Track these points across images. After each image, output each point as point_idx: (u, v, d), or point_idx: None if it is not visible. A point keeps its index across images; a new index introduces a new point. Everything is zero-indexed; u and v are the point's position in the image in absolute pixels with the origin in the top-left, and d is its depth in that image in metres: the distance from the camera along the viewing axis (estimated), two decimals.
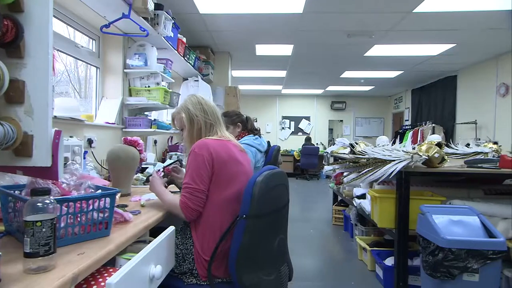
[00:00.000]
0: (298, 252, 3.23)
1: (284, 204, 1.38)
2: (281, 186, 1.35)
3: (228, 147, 1.41)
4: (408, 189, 2.20)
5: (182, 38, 3.67)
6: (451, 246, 1.69)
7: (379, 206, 2.33)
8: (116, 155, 1.66)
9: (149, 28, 2.69)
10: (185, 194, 1.30)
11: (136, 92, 3.06)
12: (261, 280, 1.21)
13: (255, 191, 1.20)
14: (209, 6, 3.61)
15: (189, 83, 4.59)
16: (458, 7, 3.50)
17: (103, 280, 0.87)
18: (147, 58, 2.94)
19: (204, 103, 1.50)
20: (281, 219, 1.36)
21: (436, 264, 1.72)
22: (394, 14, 3.71)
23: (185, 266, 1.34)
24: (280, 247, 1.32)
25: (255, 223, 1.20)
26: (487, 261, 1.66)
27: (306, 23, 4.03)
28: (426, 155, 1.98)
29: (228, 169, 1.34)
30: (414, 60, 5.73)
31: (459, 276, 1.69)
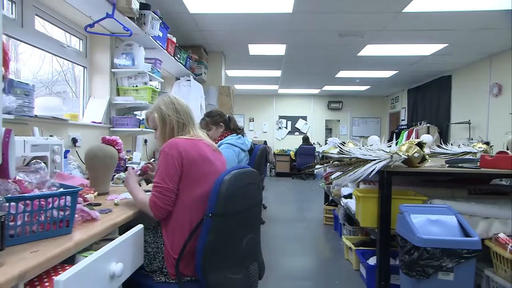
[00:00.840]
0: (286, 251, 3.24)
1: (255, 203, 1.39)
2: (251, 185, 1.36)
3: (199, 147, 1.42)
4: (390, 189, 2.21)
5: (172, 38, 3.68)
6: (426, 245, 1.70)
7: (362, 206, 2.34)
8: (94, 154, 1.67)
9: (135, 28, 2.71)
10: (155, 193, 1.31)
11: (124, 92, 3.07)
12: (228, 279, 1.22)
13: (222, 189, 1.21)
14: (198, 5, 3.62)
15: (181, 82, 4.61)
16: (448, 7, 3.51)
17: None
18: (135, 57, 2.94)
19: (177, 103, 1.51)
20: (251, 218, 1.36)
21: (411, 263, 1.73)
22: (384, 14, 3.72)
23: (156, 265, 1.35)
24: (249, 246, 1.33)
25: (221, 222, 1.21)
26: (462, 260, 1.67)
27: (296, 23, 4.03)
28: (405, 155, 1.99)
29: (198, 168, 1.35)
30: (407, 60, 5.74)
31: (434, 275, 1.70)
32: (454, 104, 6.58)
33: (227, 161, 2.48)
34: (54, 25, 2.49)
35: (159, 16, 3.14)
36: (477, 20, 3.85)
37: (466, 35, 4.36)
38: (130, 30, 2.52)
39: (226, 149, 2.53)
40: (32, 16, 2.22)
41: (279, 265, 2.86)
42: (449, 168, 2.12)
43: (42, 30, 2.41)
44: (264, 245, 3.37)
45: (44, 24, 2.43)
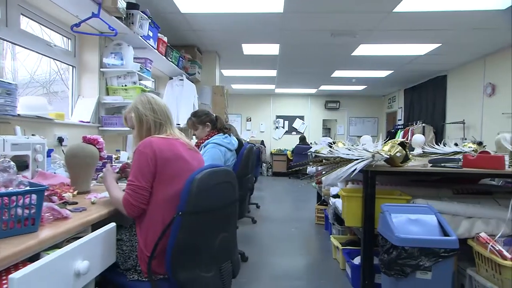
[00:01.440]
0: (276, 250, 3.25)
1: (229, 202, 1.40)
2: (225, 184, 1.37)
3: (174, 145, 1.42)
4: (373, 188, 2.21)
5: (163, 38, 3.69)
6: (404, 244, 1.70)
7: (347, 205, 2.35)
8: (74, 153, 1.68)
9: (123, 27, 2.72)
10: (128, 191, 1.32)
11: (113, 91, 3.08)
12: (198, 277, 1.22)
13: (192, 188, 1.21)
14: (189, 5, 3.63)
15: (173, 82, 4.62)
16: (438, 7, 3.51)
17: None
18: (123, 57, 2.96)
19: (154, 103, 1.52)
20: (224, 217, 1.37)
21: (390, 262, 1.73)
22: (374, 14, 3.72)
23: (130, 263, 1.36)
24: (223, 245, 1.33)
25: (191, 220, 1.22)
26: (439, 259, 1.68)
27: (288, 23, 4.04)
28: (388, 154, 1.99)
29: (172, 167, 1.36)
30: (402, 59, 5.74)
31: (412, 274, 1.70)
32: (449, 103, 6.58)
33: (213, 160, 2.50)
34: (41, 24, 2.50)
35: (149, 16, 3.15)
36: (469, 20, 3.85)
37: (458, 35, 4.36)
38: (116, 29, 2.53)
39: (212, 149, 2.54)
40: (17, 16, 2.23)
41: (268, 265, 2.87)
42: (431, 168, 2.13)
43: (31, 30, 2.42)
44: (254, 244, 3.40)
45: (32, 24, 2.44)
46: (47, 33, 2.63)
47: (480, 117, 5.47)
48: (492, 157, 2.05)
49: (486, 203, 2.27)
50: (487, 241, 1.94)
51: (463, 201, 2.30)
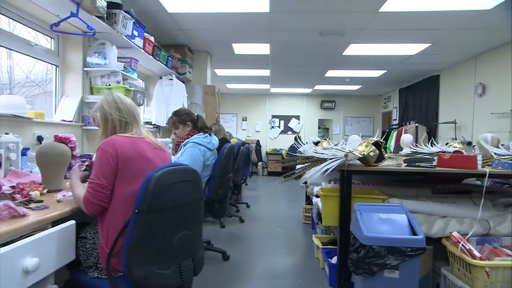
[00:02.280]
0: (259, 250, 3.26)
1: (191, 201, 1.41)
2: (185, 182, 1.38)
3: (138, 144, 1.44)
4: (350, 187, 2.22)
5: (149, 37, 3.70)
6: (371, 243, 1.71)
7: (324, 204, 2.36)
8: (43, 152, 1.69)
9: (105, 26, 2.73)
10: (89, 189, 1.33)
11: (97, 91, 3.09)
12: (154, 274, 1.24)
13: (149, 186, 1.23)
14: (176, 5, 3.63)
15: (163, 81, 4.63)
16: (424, 7, 3.50)
17: None
18: (107, 56, 2.97)
19: (120, 102, 1.53)
20: (185, 215, 1.38)
21: (358, 261, 1.74)
22: (362, 13, 3.72)
23: (91, 260, 1.37)
24: (182, 242, 1.34)
25: (147, 218, 1.23)
26: (406, 258, 1.68)
27: (276, 22, 4.05)
28: (361, 154, 2.00)
29: (134, 165, 1.37)
30: (393, 59, 5.74)
31: (380, 273, 1.71)
32: (441, 103, 6.58)
33: (192, 160, 2.52)
34: (22, 24, 2.52)
35: (133, 15, 3.17)
36: (455, 20, 3.85)
37: (447, 35, 4.36)
38: (94, 29, 2.54)
39: (192, 148, 2.55)
40: None
41: (249, 264, 2.89)
42: (404, 168, 2.13)
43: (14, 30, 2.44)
44: (238, 243, 3.41)
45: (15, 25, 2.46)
46: (31, 33, 2.65)
47: (471, 117, 5.47)
48: (465, 157, 2.06)
49: (463, 203, 2.28)
50: (458, 240, 1.95)
51: (440, 200, 2.31)
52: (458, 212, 2.18)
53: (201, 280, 2.54)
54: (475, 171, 2.02)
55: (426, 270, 2.25)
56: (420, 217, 2.16)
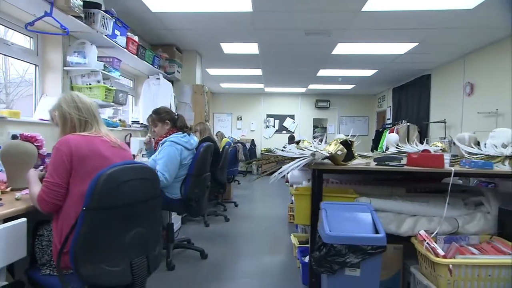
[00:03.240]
0: (239, 248, 3.27)
1: (145, 199, 1.42)
2: (140, 180, 1.39)
3: (94, 143, 1.45)
4: (321, 186, 2.23)
5: (133, 37, 3.71)
6: (333, 241, 1.72)
7: (296, 203, 2.37)
8: (6, 150, 1.71)
9: (82, 26, 2.74)
10: (43, 188, 1.35)
11: (78, 90, 3.10)
12: (103, 271, 1.25)
13: (98, 184, 1.24)
14: (160, 5, 3.64)
15: (150, 81, 4.65)
16: (405, 6, 3.50)
17: None
18: (86, 56, 2.98)
19: (79, 101, 1.54)
20: (139, 213, 1.39)
21: (320, 259, 1.75)
22: (345, 12, 3.72)
23: (46, 258, 1.39)
24: (135, 240, 1.36)
25: (96, 216, 1.24)
26: (366, 256, 1.69)
27: (260, 22, 4.05)
28: (329, 153, 2.01)
29: (89, 164, 1.39)
30: (383, 58, 5.73)
31: (341, 271, 1.72)
32: (432, 103, 6.58)
33: (169, 158, 2.53)
34: None
35: (114, 15, 3.18)
36: (441, 19, 3.85)
37: (434, 34, 4.35)
38: (67, 28, 2.55)
39: (169, 147, 2.57)
40: None
41: (227, 262, 2.90)
42: (373, 167, 2.14)
43: None
44: (220, 242, 3.42)
45: None
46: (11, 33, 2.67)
47: (460, 116, 5.47)
48: (432, 156, 2.07)
49: (434, 202, 2.28)
50: (424, 238, 1.96)
51: (412, 199, 2.32)
52: (428, 211, 2.19)
53: (176, 278, 2.56)
54: (442, 170, 2.03)
55: (397, 268, 2.26)
56: (390, 216, 2.17)
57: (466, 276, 1.80)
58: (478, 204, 2.30)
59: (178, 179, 2.64)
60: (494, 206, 2.15)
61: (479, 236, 2.07)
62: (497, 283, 1.78)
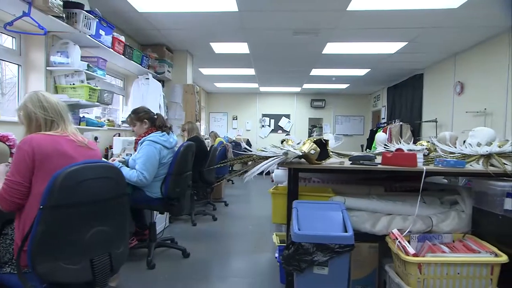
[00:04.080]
0: (224, 247, 3.28)
1: (109, 197, 1.43)
2: (103, 179, 1.41)
3: (58, 142, 1.46)
4: (296, 185, 2.24)
5: (119, 37, 3.72)
6: (301, 240, 1.73)
7: (273, 202, 2.39)
8: None
9: (64, 26, 2.76)
10: (4, 186, 1.36)
11: (62, 90, 3.12)
12: (60, 268, 1.26)
13: (56, 183, 1.25)
14: (146, 5, 3.65)
15: (139, 81, 4.66)
16: (391, 6, 3.51)
17: None
18: (69, 55, 3.00)
19: (45, 100, 1.55)
20: (102, 211, 1.41)
21: (288, 258, 1.76)
22: (331, 12, 3.72)
23: (8, 256, 1.40)
24: (97, 238, 1.37)
25: (53, 214, 1.25)
26: (334, 255, 1.70)
27: (247, 21, 4.06)
28: (301, 152, 2.02)
29: (53, 163, 1.40)
30: (374, 58, 5.74)
31: (309, 269, 1.73)
32: (425, 102, 6.59)
33: (147, 158, 2.55)
34: None
35: (98, 15, 3.20)
36: (428, 19, 3.85)
37: (422, 33, 4.35)
38: (45, 28, 2.57)
39: (147, 146, 2.58)
40: None
41: (209, 262, 2.91)
42: (346, 166, 2.14)
43: None
44: (205, 241, 3.43)
45: None
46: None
47: (451, 115, 5.47)
48: (405, 155, 2.07)
49: (411, 201, 2.29)
50: (396, 237, 1.97)
51: (390, 198, 2.33)
52: (403, 209, 2.20)
53: (155, 276, 2.57)
54: (415, 168, 2.04)
55: (373, 267, 2.27)
56: (365, 215, 2.18)
57: (435, 274, 1.81)
58: (454, 203, 2.31)
59: (159, 178, 2.65)
60: (468, 205, 2.16)
61: (452, 235, 2.08)
62: (466, 280, 1.79)
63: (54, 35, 3.03)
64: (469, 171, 2.07)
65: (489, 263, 1.77)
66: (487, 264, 1.77)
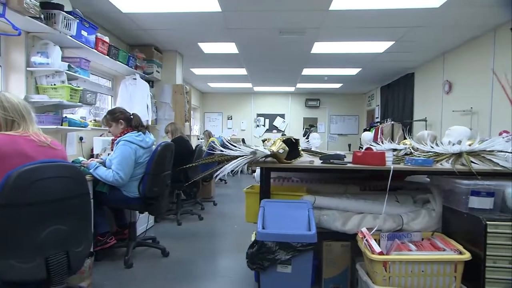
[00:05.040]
0: (205, 247, 3.29)
1: (67, 196, 1.45)
2: (61, 178, 1.42)
3: (18, 142, 1.48)
4: (268, 184, 2.25)
5: (103, 37, 3.74)
6: (264, 238, 1.74)
7: (246, 201, 2.40)
8: None
9: (42, 27, 2.78)
10: None
11: (43, 90, 3.13)
12: (12, 267, 1.28)
13: (8, 182, 1.27)
14: (130, 5, 3.67)
15: (127, 81, 4.67)
16: (373, 5, 3.51)
17: None
18: (49, 56, 3.01)
19: (5, 101, 1.57)
20: (60, 210, 1.42)
21: (252, 256, 1.77)
22: (313, 12, 3.73)
23: None
24: (53, 237, 1.38)
25: (5, 213, 1.27)
26: (296, 253, 1.71)
27: (232, 22, 4.07)
28: (269, 151, 2.03)
29: (10, 162, 1.41)
30: (364, 57, 5.74)
31: (272, 268, 1.74)
32: (416, 101, 6.59)
33: (123, 157, 2.56)
34: None
35: (80, 16, 3.21)
36: (412, 18, 3.85)
37: (409, 32, 4.35)
38: (19, 29, 2.58)
39: (122, 146, 2.59)
40: None
41: (188, 261, 2.91)
42: (316, 165, 2.15)
43: None
44: (187, 241, 3.44)
45: None
46: None
47: (440, 114, 5.47)
48: (374, 154, 2.08)
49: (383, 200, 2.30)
50: (365, 235, 1.98)
51: (363, 197, 2.34)
52: (374, 208, 2.20)
53: (132, 275, 2.58)
54: (383, 167, 2.05)
55: (345, 265, 2.28)
56: (336, 214, 2.19)
57: (400, 272, 1.82)
58: (427, 201, 2.32)
59: (136, 178, 2.67)
60: (438, 203, 2.17)
61: (421, 233, 2.08)
62: (430, 278, 1.80)
63: (34, 36, 3.04)
64: (436, 169, 2.08)
65: (453, 261, 1.78)
66: (450, 262, 1.78)
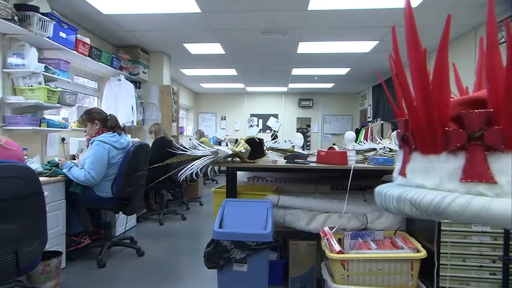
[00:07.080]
0: (185, 247, 3.30)
1: (16, 196, 1.46)
2: (6, 179, 1.43)
3: None
4: (234, 184, 2.27)
5: (83, 39, 3.75)
6: (219, 237, 1.76)
7: (214, 201, 2.41)
8: None
9: (16, 29, 2.80)
10: None
11: (20, 91, 3.15)
12: None
13: None
14: (110, 7, 3.68)
15: (112, 82, 4.69)
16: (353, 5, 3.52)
17: None
18: (25, 57, 3.03)
19: None
20: (6, 210, 1.44)
21: (209, 255, 1.79)
22: (292, 12, 3.74)
23: None
24: (0, 236, 1.40)
25: None
26: (251, 252, 1.72)
27: (213, 22, 4.09)
28: (231, 151, 2.04)
29: None
30: (350, 57, 5.74)
31: (228, 266, 1.75)
32: None
33: (95, 157, 2.58)
34: None
35: (57, 17, 3.23)
36: (392, 17, 3.85)
37: (391, 32, 4.36)
38: None
39: (96, 146, 2.61)
40: None
41: (163, 261, 2.93)
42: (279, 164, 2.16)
43: None
44: (167, 240, 3.46)
45: None
46: None
47: None
48: (337, 153, 2.09)
49: (351, 199, 2.31)
50: (326, 234, 1.99)
51: (331, 196, 2.35)
52: (339, 207, 2.21)
53: (104, 275, 2.60)
54: (344, 166, 2.06)
55: (311, 264, 2.29)
56: (300, 213, 2.20)
57: (358, 271, 1.83)
58: None
59: (109, 178, 2.68)
60: None
61: (384, 232, 2.09)
62: (388, 276, 1.81)
63: (11, 37, 3.06)
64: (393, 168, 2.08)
65: (409, 259, 1.79)
66: (407, 260, 1.80)
